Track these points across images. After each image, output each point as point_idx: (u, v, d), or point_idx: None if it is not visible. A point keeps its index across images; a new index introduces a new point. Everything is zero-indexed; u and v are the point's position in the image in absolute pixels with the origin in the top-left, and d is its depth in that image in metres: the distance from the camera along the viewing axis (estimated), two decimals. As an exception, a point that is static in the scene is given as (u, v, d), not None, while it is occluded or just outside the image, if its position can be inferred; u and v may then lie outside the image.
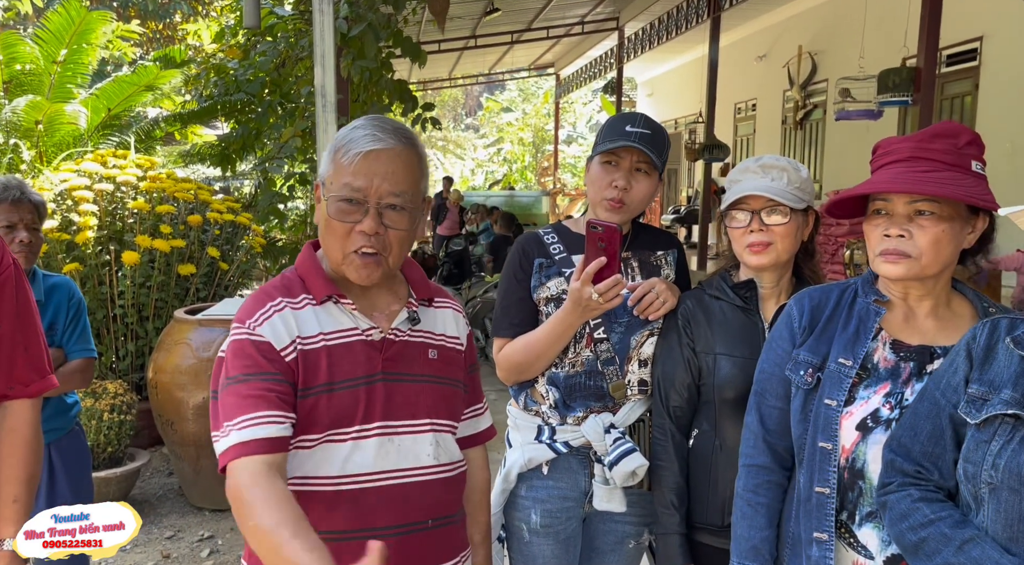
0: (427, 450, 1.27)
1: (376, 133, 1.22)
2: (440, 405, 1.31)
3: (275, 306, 1.22)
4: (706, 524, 1.63)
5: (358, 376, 1.22)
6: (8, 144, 6.17)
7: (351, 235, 1.21)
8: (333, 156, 1.23)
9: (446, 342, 1.36)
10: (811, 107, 10.69)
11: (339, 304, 1.26)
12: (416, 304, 1.33)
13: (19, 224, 2.13)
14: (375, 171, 1.20)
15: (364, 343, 1.24)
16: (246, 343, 1.19)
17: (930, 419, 1.21)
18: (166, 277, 4.46)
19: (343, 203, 1.20)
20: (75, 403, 2.32)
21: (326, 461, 1.20)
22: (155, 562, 3.31)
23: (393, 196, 1.21)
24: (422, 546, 1.26)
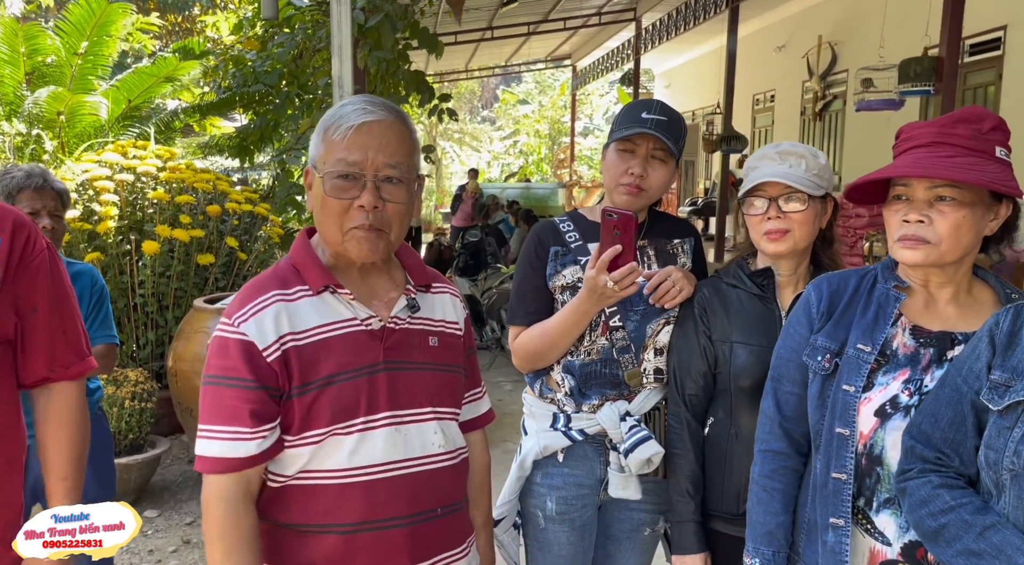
0: (433, 438, 1.27)
1: (366, 106, 1.19)
2: (443, 392, 1.30)
3: (264, 301, 1.19)
4: (721, 512, 1.63)
5: (360, 367, 1.20)
6: (31, 134, 6.25)
7: (350, 212, 1.18)
8: (324, 135, 1.20)
9: (445, 328, 1.35)
10: (831, 98, 10.57)
11: (336, 294, 1.22)
12: (414, 291, 1.31)
13: (42, 211, 2.17)
14: (369, 143, 1.17)
15: (364, 333, 1.22)
16: (229, 341, 1.17)
17: (951, 406, 1.20)
18: (185, 267, 4.51)
19: (339, 180, 1.17)
20: (97, 388, 2.35)
21: (334, 454, 1.19)
22: (175, 547, 3.36)
23: (389, 168, 1.18)
24: (433, 534, 1.26)
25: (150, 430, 3.89)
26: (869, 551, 1.30)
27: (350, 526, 1.18)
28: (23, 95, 6.78)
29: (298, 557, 1.20)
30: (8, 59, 6.87)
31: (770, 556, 1.42)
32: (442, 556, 1.27)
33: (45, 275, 1.37)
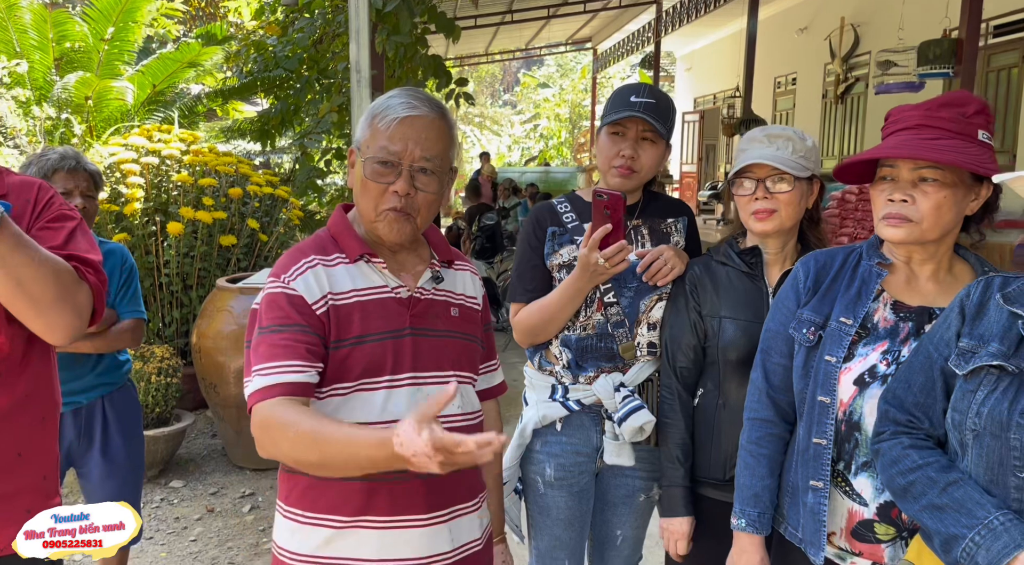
0: (454, 399, 1.35)
1: (412, 101, 1.30)
2: (463, 358, 1.41)
3: (308, 263, 1.30)
4: (709, 478, 1.71)
5: (388, 330, 1.31)
6: (60, 119, 6.42)
7: (385, 195, 1.30)
8: (371, 122, 1.31)
9: (465, 301, 1.45)
10: (852, 81, 10.46)
11: (371, 263, 1.34)
12: (439, 265, 1.42)
13: (75, 191, 2.28)
14: (409, 136, 1.28)
15: (394, 300, 1.33)
16: (280, 296, 1.27)
17: (923, 372, 1.28)
18: (208, 247, 4.64)
19: (379, 165, 1.29)
20: (127, 360, 2.48)
21: (362, 407, 1.29)
22: (200, 515, 3.51)
23: (424, 160, 1.30)
24: (447, 487, 1.35)
25: (175, 404, 4.04)
26: (847, 512, 1.39)
27: (372, 475, 1.25)
28: (52, 80, 6.95)
29: (324, 502, 1.30)
30: (38, 45, 7.04)
31: (755, 517, 1.50)
32: (455, 507, 1.37)
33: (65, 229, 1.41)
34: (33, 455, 1.46)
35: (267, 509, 3.56)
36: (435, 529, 1.33)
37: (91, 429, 2.34)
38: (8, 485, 1.41)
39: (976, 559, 1.11)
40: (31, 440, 1.46)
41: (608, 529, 1.95)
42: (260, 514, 3.52)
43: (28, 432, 1.45)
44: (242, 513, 3.54)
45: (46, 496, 1.49)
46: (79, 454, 2.34)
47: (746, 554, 1.51)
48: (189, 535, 3.32)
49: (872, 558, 1.38)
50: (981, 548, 1.11)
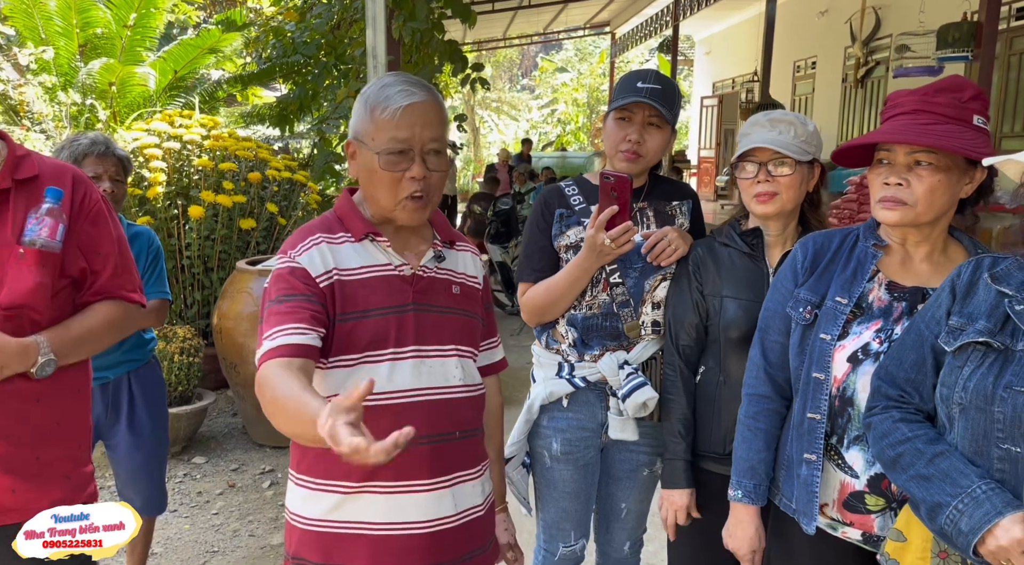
0: (454, 372, 1.44)
1: (408, 88, 1.35)
2: (463, 333, 1.47)
3: (314, 240, 1.37)
4: (709, 452, 1.77)
5: (391, 305, 1.37)
6: (85, 104, 6.54)
7: (402, 183, 1.35)
8: (370, 113, 1.35)
9: (467, 280, 1.51)
10: (873, 64, 10.36)
11: (375, 242, 1.40)
12: (440, 245, 1.48)
13: (103, 175, 2.36)
14: (415, 122, 1.33)
15: (397, 277, 1.39)
16: (285, 271, 1.34)
17: (914, 349, 1.32)
18: (228, 231, 4.74)
19: (392, 156, 1.33)
20: (151, 339, 2.58)
21: (366, 377, 1.35)
22: (221, 490, 3.62)
23: (433, 141, 1.36)
24: (450, 453, 1.43)
25: (197, 383, 4.16)
26: (840, 483, 1.44)
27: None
28: (77, 66, 7.07)
29: (334, 469, 1.37)
30: (63, 32, 7.15)
31: (751, 488, 1.56)
32: (457, 474, 1.44)
33: (105, 222, 1.54)
34: (70, 424, 1.55)
35: (286, 485, 3.65)
36: (439, 494, 1.39)
37: (118, 403, 2.44)
38: (48, 452, 1.50)
39: (959, 525, 1.16)
40: (68, 410, 1.54)
41: (613, 502, 2.02)
42: (279, 490, 3.63)
43: (65, 403, 1.53)
44: (262, 489, 3.65)
45: (80, 463, 1.57)
46: (107, 427, 2.44)
47: (742, 524, 1.57)
48: (211, 509, 3.44)
49: (862, 528, 1.43)
50: (964, 515, 1.16)
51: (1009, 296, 1.22)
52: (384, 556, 1.36)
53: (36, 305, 1.42)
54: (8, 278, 1.39)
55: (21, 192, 1.45)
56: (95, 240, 1.51)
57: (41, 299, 1.42)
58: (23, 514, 1.44)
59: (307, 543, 1.40)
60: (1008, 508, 1.13)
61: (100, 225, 1.53)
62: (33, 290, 1.39)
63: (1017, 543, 1.10)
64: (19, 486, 1.45)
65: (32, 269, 1.39)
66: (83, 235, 1.49)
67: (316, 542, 1.39)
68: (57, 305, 1.47)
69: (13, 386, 1.43)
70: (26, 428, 1.46)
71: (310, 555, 1.40)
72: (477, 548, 1.47)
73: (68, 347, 1.47)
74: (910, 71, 7.11)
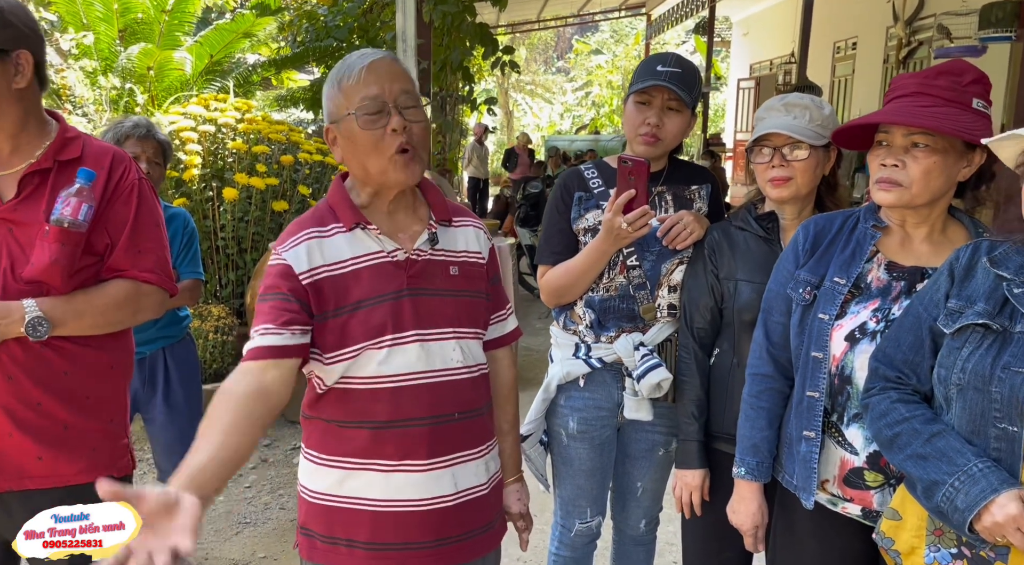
0: (453, 354, 1.43)
1: (366, 52, 1.37)
2: (462, 315, 1.46)
3: (304, 236, 1.38)
4: (722, 433, 1.79)
5: (386, 293, 1.38)
6: (124, 89, 6.69)
7: (385, 139, 1.34)
8: (339, 86, 1.36)
9: (468, 258, 1.50)
10: (916, 44, 10.08)
11: (366, 230, 1.40)
12: (435, 225, 1.46)
13: (142, 156, 2.46)
14: (381, 78, 1.34)
15: (390, 263, 1.39)
16: (273, 266, 1.37)
17: (912, 331, 1.34)
18: (262, 212, 4.84)
19: (368, 115, 1.33)
20: (186, 316, 2.68)
21: (367, 364, 1.39)
22: (254, 465, 3.74)
23: (405, 94, 1.36)
24: (451, 435, 1.45)
25: (231, 361, 4.27)
26: (840, 460, 1.47)
27: (379, 423, 1.39)
28: (117, 51, 7.23)
29: (340, 447, 1.43)
30: (103, 17, 7.31)
31: (754, 466, 1.59)
32: (458, 454, 1.46)
33: (132, 201, 1.57)
34: (100, 398, 1.60)
35: (316, 460, 3.76)
36: (437, 474, 1.41)
37: (154, 378, 2.55)
38: (77, 423, 1.56)
39: (955, 503, 1.18)
40: (99, 384, 1.60)
41: (629, 481, 2.06)
42: (309, 465, 3.73)
43: (96, 377, 1.59)
44: (293, 464, 3.76)
45: (112, 438, 1.63)
46: (144, 401, 2.56)
47: (745, 501, 1.60)
48: (244, 482, 3.55)
49: (862, 504, 1.45)
50: (960, 493, 1.18)
51: (1008, 279, 1.24)
52: (383, 532, 1.41)
53: (53, 281, 1.47)
54: (34, 254, 1.46)
55: (62, 173, 1.52)
56: (120, 218, 1.56)
57: (56, 276, 1.46)
58: (49, 481, 1.54)
59: (313, 515, 1.45)
60: (1004, 485, 1.14)
61: (128, 204, 1.57)
62: (48, 267, 1.45)
63: (1012, 519, 1.12)
64: (45, 454, 1.53)
65: (51, 246, 1.45)
66: (112, 214, 1.55)
67: (321, 514, 1.44)
68: (78, 282, 1.52)
69: (42, 357, 1.50)
70: (54, 399, 1.53)
71: (316, 526, 1.45)
72: (479, 527, 1.49)
73: (65, 314, 1.50)
74: (951, 51, 6.93)
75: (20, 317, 1.46)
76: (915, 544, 1.30)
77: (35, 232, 1.47)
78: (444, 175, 6.36)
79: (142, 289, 1.60)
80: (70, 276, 1.49)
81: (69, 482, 1.56)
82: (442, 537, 1.43)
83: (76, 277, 1.51)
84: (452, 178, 6.90)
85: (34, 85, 1.53)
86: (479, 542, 1.50)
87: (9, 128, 1.51)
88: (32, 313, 1.46)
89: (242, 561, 2.91)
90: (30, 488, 1.53)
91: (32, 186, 1.51)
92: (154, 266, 1.61)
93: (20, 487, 1.54)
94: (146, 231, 1.60)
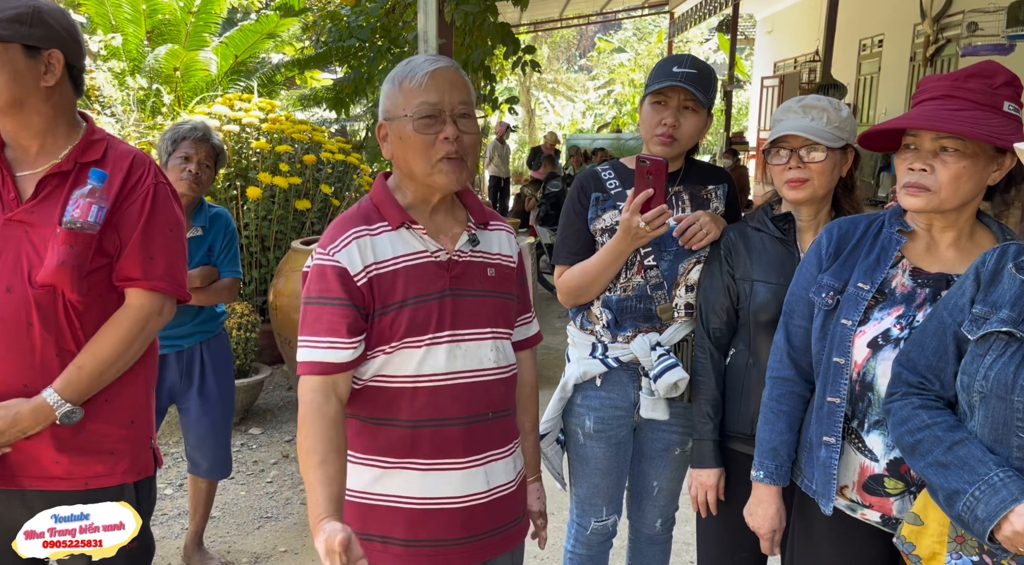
0: (489, 354, 1.47)
1: (432, 58, 1.41)
2: (499, 315, 1.50)
3: (354, 234, 1.40)
4: (737, 433, 1.80)
5: (430, 292, 1.40)
6: (151, 89, 6.79)
7: (436, 145, 1.37)
8: (399, 87, 1.39)
9: (502, 261, 1.53)
10: (943, 42, 9.93)
11: (411, 230, 1.42)
12: (475, 227, 1.50)
13: (194, 157, 2.53)
14: (443, 86, 1.37)
15: (434, 263, 1.42)
16: (327, 268, 1.37)
17: (936, 336, 1.33)
18: (284, 211, 4.90)
19: (424, 119, 1.36)
20: (222, 313, 2.76)
21: (405, 363, 1.41)
22: (276, 460, 3.79)
23: (463, 104, 1.39)
24: (484, 434, 1.48)
25: (255, 358, 4.33)
26: (860, 466, 1.46)
27: (415, 422, 1.42)
28: (145, 52, 7.34)
29: (374, 445, 1.45)
30: (131, 18, 7.43)
31: (773, 469, 1.59)
32: (490, 452, 1.49)
33: (147, 205, 1.55)
34: (120, 402, 1.59)
35: (337, 457, 3.81)
36: (472, 471, 1.45)
37: (191, 370, 2.62)
38: (93, 427, 1.55)
39: (976, 512, 1.17)
40: (119, 388, 1.58)
41: (645, 480, 2.06)
42: (330, 461, 3.77)
43: (116, 381, 1.56)
44: (314, 459, 3.80)
45: (130, 441, 1.60)
46: (181, 392, 2.63)
47: (763, 504, 1.60)
48: (266, 477, 3.60)
49: (881, 510, 1.45)
50: (981, 502, 1.17)
51: None
52: (419, 529, 1.43)
53: (63, 284, 1.46)
54: (46, 257, 1.45)
55: (81, 175, 1.52)
56: (132, 220, 1.54)
57: (66, 278, 1.45)
58: (68, 483, 1.53)
59: (348, 513, 1.46)
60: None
61: (142, 207, 1.54)
62: (56, 270, 1.44)
63: None
64: (63, 458, 1.52)
65: (60, 249, 1.44)
66: (124, 216, 1.53)
67: (356, 512, 1.46)
68: (91, 285, 1.50)
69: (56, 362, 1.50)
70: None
71: (350, 523, 1.45)
72: (508, 522, 1.53)
73: (87, 386, 1.50)
74: (979, 49, 6.82)
75: (52, 417, 1.48)
76: (936, 550, 1.30)
77: (49, 234, 1.47)
78: (465, 174, 6.38)
79: (146, 307, 1.57)
80: (81, 278, 1.48)
81: (90, 486, 1.55)
82: (476, 533, 1.46)
83: (89, 279, 1.50)
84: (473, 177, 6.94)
85: (65, 86, 1.54)
86: (509, 537, 1.54)
87: (36, 126, 1.51)
88: (60, 408, 1.47)
89: (263, 555, 2.95)
90: (50, 489, 1.52)
91: (50, 188, 1.51)
92: (164, 273, 1.58)
93: (41, 487, 1.53)
94: (158, 236, 1.57)
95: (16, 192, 1.51)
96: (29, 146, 1.53)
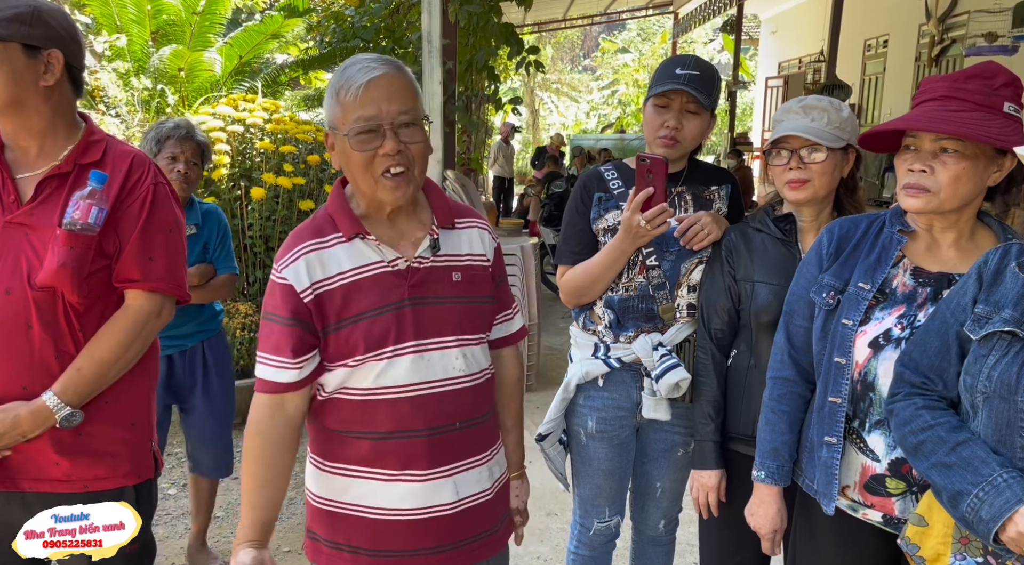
0: (455, 363, 1.42)
1: (368, 64, 1.31)
2: (465, 322, 1.44)
3: (303, 250, 1.36)
4: (739, 434, 1.80)
5: (387, 304, 1.36)
6: (156, 89, 6.82)
7: (375, 160, 1.31)
8: (336, 98, 1.32)
9: (472, 261, 1.47)
10: (949, 42, 9.91)
11: (365, 240, 1.37)
12: (437, 231, 1.43)
13: (180, 156, 2.53)
14: (379, 97, 1.30)
15: (391, 274, 1.37)
16: (275, 285, 1.36)
17: (939, 336, 1.32)
18: (288, 212, 4.91)
19: (361, 135, 1.30)
20: (220, 311, 2.78)
21: (366, 376, 1.37)
22: (279, 459, 3.80)
23: (402, 114, 1.31)
24: (452, 444, 1.43)
25: (258, 358, 4.34)
26: (861, 466, 1.46)
27: (379, 434, 1.40)
28: (149, 53, 7.37)
29: (340, 455, 1.43)
30: (136, 19, 7.46)
31: (775, 470, 1.59)
32: (458, 463, 1.44)
33: (146, 206, 1.54)
34: (120, 404, 1.58)
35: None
36: (437, 483, 1.42)
37: (194, 369, 2.64)
38: (93, 429, 1.54)
39: (980, 513, 1.17)
40: (119, 391, 1.57)
41: (648, 481, 2.06)
42: (333, 461, 3.78)
43: (116, 383, 1.55)
44: (317, 459, 3.80)
45: (131, 444, 1.60)
46: (185, 392, 2.64)
47: (764, 504, 1.60)
48: (269, 476, 3.61)
49: (883, 510, 1.44)
50: (985, 503, 1.17)
51: None
52: (384, 539, 1.42)
53: (62, 286, 1.45)
54: (46, 259, 1.45)
55: (80, 176, 1.51)
56: (131, 221, 1.53)
57: (66, 280, 1.44)
58: (67, 486, 1.52)
59: (318, 519, 1.47)
60: None
61: (141, 208, 1.54)
62: (56, 272, 1.43)
63: None
64: (63, 460, 1.52)
65: (60, 250, 1.43)
66: (123, 216, 1.53)
67: (325, 519, 1.46)
68: (91, 286, 1.50)
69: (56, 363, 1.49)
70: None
71: (320, 530, 1.48)
72: (483, 532, 1.50)
73: (87, 389, 1.50)
74: (983, 50, 6.81)
75: (52, 420, 1.48)
76: (941, 551, 1.29)
77: (49, 236, 1.46)
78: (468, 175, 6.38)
79: (146, 308, 1.56)
80: (82, 280, 1.47)
81: (90, 488, 1.54)
82: (444, 543, 1.44)
83: (89, 280, 1.49)
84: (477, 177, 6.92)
85: (65, 86, 1.53)
86: (481, 547, 1.50)
87: (36, 126, 1.51)
88: (60, 411, 1.47)
89: (266, 554, 2.96)
90: (50, 491, 1.51)
91: (50, 190, 1.50)
92: (164, 274, 1.57)
93: (41, 489, 1.52)
94: (157, 236, 1.56)
95: (16, 194, 1.50)
96: (28, 147, 1.53)
